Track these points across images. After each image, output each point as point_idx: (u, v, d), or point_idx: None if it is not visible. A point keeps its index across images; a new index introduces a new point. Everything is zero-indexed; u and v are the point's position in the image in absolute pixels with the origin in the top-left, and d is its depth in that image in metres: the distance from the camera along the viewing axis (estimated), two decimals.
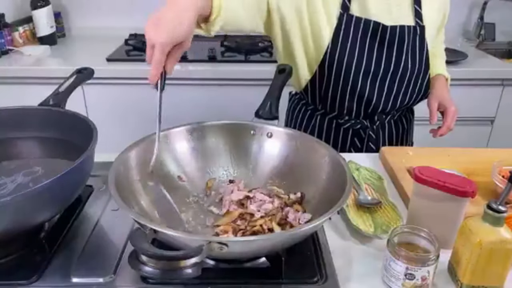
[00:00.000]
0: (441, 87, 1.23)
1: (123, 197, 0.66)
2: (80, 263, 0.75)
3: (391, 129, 1.26)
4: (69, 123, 0.91)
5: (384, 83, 1.15)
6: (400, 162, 1.06)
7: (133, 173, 0.78)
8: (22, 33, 2.12)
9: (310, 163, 0.85)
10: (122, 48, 2.08)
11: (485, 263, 0.68)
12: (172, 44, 0.74)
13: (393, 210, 0.88)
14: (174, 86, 1.89)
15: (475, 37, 2.40)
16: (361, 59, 1.12)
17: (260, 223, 0.74)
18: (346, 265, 0.77)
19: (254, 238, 0.62)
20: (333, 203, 0.69)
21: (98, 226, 0.85)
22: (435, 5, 1.17)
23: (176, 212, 0.79)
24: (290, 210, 0.80)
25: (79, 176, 0.80)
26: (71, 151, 0.86)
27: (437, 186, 0.77)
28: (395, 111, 1.24)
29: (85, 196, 0.93)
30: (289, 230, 0.66)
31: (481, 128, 2.12)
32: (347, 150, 1.25)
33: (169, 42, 0.73)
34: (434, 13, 1.17)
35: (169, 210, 0.77)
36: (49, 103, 0.95)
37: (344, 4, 1.09)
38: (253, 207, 0.79)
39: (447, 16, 1.24)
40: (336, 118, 1.23)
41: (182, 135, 0.89)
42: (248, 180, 0.90)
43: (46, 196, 0.71)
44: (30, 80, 1.85)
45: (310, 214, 0.79)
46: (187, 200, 0.86)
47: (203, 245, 0.56)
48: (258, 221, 0.76)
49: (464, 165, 1.04)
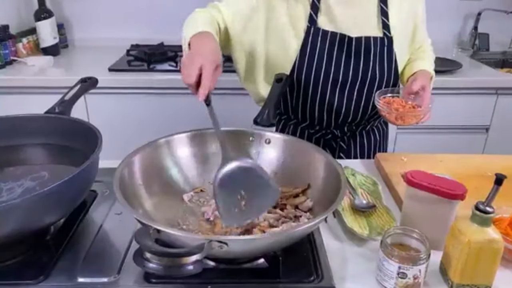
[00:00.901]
0: (425, 79, 1.14)
1: (127, 199, 0.70)
2: (86, 263, 0.78)
3: (362, 140, 1.29)
4: (74, 130, 0.94)
5: (352, 93, 1.18)
6: (394, 167, 1.09)
7: (137, 177, 0.81)
8: (26, 44, 2.16)
9: (307, 168, 0.89)
10: (123, 59, 2.12)
11: (474, 262, 0.71)
12: (216, 64, 0.87)
13: (387, 214, 0.92)
14: (174, 95, 1.93)
15: (470, 47, 2.45)
16: (329, 69, 1.15)
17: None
18: (342, 265, 0.80)
19: (252, 237, 0.65)
20: (328, 206, 0.72)
21: (102, 229, 0.88)
22: (403, 15, 1.19)
23: (177, 216, 0.82)
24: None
25: (85, 180, 0.83)
26: (75, 157, 0.89)
27: (428, 189, 0.80)
28: (366, 121, 1.27)
29: (89, 200, 0.96)
30: (286, 230, 0.69)
31: (476, 136, 2.15)
32: None
33: (216, 60, 0.88)
34: (402, 23, 1.18)
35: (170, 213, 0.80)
36: (55, 111, 0.99)
37: (312, 18, 1.12)
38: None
39: (420, 25, 1.24)
40: (308, 128, 1.26)
41: (183, 141, 0.92)
42: None
43: (53, 199, 0.74)
44: (33, 90, 1.88)
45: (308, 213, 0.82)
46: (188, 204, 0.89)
47: (204, 244, 0.59)
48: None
49: (457, 170, 1.07)
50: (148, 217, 0.76)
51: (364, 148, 1.29)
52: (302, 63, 1.15)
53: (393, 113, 1.06)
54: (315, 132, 1.26)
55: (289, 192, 0.89)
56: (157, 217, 0.79)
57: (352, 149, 1.28)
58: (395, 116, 1.07)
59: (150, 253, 0.55)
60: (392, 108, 1.07)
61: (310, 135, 1.26)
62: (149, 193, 0.82)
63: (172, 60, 2.09)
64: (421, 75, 1.13)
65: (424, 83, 1.10)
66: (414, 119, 1.07)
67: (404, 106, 1.08)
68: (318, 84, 1.16)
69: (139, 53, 2.14)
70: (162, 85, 1.93)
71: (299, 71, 1.16)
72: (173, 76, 1.96)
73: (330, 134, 1.25)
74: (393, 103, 1.09)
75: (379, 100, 1.09)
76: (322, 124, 1.24)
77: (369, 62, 1.15)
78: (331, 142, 1.26)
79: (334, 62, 1.15)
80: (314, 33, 1.13)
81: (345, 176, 0.79)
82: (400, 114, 1.06)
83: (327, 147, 1.27)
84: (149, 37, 2.32)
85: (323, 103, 1.19)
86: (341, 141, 1.26)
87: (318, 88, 1.17)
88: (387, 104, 1.08)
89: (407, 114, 1.06)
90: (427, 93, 1.10)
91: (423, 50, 1.28)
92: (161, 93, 1.94)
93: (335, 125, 1.24)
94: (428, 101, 1.09)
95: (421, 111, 1.07)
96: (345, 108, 1.19)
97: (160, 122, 1.96)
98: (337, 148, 1.27)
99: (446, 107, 1.98)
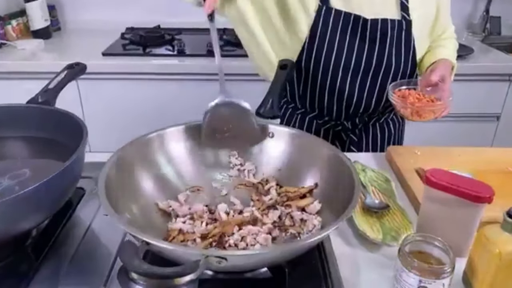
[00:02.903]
0: (446, 69, 1.05)
1: (113, 203, 0.61)
2: (69, 272, 0.70)
3: (375, 133, 1.20)
4: (58, 122, 0.85)
5: (365, 81, 1.09)
6: (408, 162, 1.01)
7: (125, 176, 0.73)
8: (15, 27, 2.06)
9: (315, 166, 0.80)
10: (118, 42, 2.02)
11: (505, 276, 0.63)
12: None
13: (402, 215, 0.83)
14: (170, 81, 1.84)
15: (481, 31, 2.34)
16: (341, 55, 1.06)
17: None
18: (354, 274, 0.72)
19: (254, 252, 0.57)
20: (339, 209, 0.64)
21: (89, 232, 0.81)
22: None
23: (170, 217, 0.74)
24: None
25: (68, 180, 0.75)
26: (60, 151, 0.81)
27: (451, 191, 0.72)
28: (380, 113, 1.18)
29: (76, 199, 0.88)
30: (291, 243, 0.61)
31: (486, 124, 2.07)
32: None
33: None
34: (423, 5, 1.08)
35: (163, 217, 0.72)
36: (38, 100, 0.90)
37: None
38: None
39: (444, 8, 1.13)
40: (316, 118, 1.17)
41: (178, 135, 0.84)
42: None
43: (32, 202, 0.66)
44: (23, 75, 1.79)
45: (320, 218, 0.74)
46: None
47: (199, 261, 0.51)
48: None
49: (475, 165, 0.99)
50: (136, 223, 0.68)
51: (377, 141, 1.21)
52: (312, 46, 1.06)
53: (408, 107, 0.97)
54: (324, 123, 1.17)
55: (294, 191, 0.80)
56: (148, 221, 0.71)
57: (364, 142, 1.19)
58: (410, 111, 0.98)
59: (136, 274, 0.47)
60: (407, 103, 0.97)
61: (319, 126, 1.18)
62: (138, 194, 0.73)
63: (169, 44, 2.00)
64: (442, 65, 1.04)
65: (445, 74, 1.01)
66: (432, 114, 0.97)
67: (421, 100, 0.99)
68: (328, 71, 1.07)
69: (135, 36, 2.05)
70: (158, 70, 1.84)
71: (307, 55, 1.07)
72: (171, 61, 1.88)
73: (340, 126, 1.16)
74: (408, 96, 1.00)
75: (393, 93, 0.99)
76: (331, 114, 1.15)
77: (384, 48, 1.06)
78: (341, 134, 1.18)
79: (346, 46, 1.05)
80: (325, 13, 1.03)
81: (358, 176, 0.70)
82: (416, 109, 0.97)
83: (337, 140, 1.19)
84: (145, 19, 2.22)
85: (333, 91, 1.10)
86: (351, 134, 1.17)
87: (328, 75, 1.08)
88: (402, 98, 0.99)
89: (425, 109, 0.97)
90: (447, 84, 1.01)
91: (446, 37, 1.18)
92: (157, 78, 1.85)
93: (345, 116, 1.15)
94: (448, 93, 0.99)
95: (440, 106, 0.97)
96: (357, 97, 1.10)
97: (157, 109, 1.88)
98: (347, 140, 1.18)
99: (455, 95, 1.87)
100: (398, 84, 1.03)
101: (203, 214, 0.74)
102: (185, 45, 1.94)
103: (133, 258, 0.50)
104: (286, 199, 0.79)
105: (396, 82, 1.03)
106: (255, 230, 0.69)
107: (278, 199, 0.79)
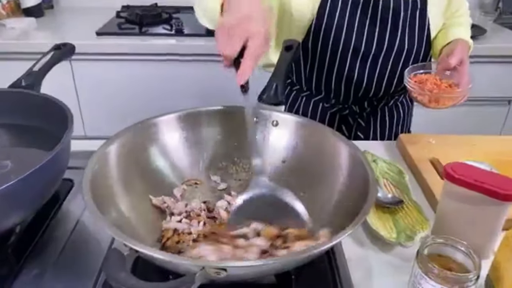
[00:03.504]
0: (464, 51, 0.97)
1: (98, 203, 0.55)
2: (54, 275, 0.64)
3: (384, 117, 1.13)
4: (41, 108, 0.78)
5: (375, 64, 1.01)
6: (422, 152, 0.94)
7: (113, 172, 0.66)
8: (6, 4, 1.96)
9: (323, 159, 0.73)
10: (113, 21, 1.92)
11: None
12: (266, 34, 0.66)
13: (418, 211, 0.77)
14: (168, 62, 1.76)
15: (493, 10, 2.24)
16: (350, 36, 0.98)
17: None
18: (366, 278, 0.66)
19: (257, 264, 0.51)
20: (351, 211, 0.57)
21: (78, 228, 0.74)
22: None
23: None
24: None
25: (52, 173, 0.68)
26: (45, 140, 0.74)
27: (474, 187, 0.65)
28: (389, 96, 1.10)
29: (63, 192, 0.81)
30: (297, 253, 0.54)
31: (497, 109, 1.99)
32: None
33: (268, 28, 0.65)
34: None
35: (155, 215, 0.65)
36: (21, 84, 0.83)
37: None
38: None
39: None
40: (322, 101, 1.10)
41: (173, 124, 0.76)
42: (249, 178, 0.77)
43: (10, 199, 0.60)
44: (13, 55, 1.70)
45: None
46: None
47: (196, 272, 0.44)
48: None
49: (494, 156, 0.92)
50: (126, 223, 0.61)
51: (385, 126, 1.13)
52: (319, 27, 0.97)
53: (426, 94, 0.89)
54: (330, 106, 1.10)
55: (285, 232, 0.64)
56: (138, 221, 0.64)
57: (372, 127, 1.12)
58: (428, 98, 0.90)
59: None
60: (425, 89, 0.89)
61: (325, 109, 1.10)
62: (129, 189, 0.66)
63: (167, 23, 1.90)
64: (459, 46, 0.95)
65: (463, 57, 0.92)
66: (451, 101, 0.89)
67: (440, 86, 0.91)
68: (336, 53, 0.99)
69: (130, 15, 1.95)
70: (156, 50, 1.75)
71: (315, 36, 0.99)
72: (168, 41, 1.78)
73: (348, 110, 1.09)
74: (426, 82, 0.92)
75: (410, 79, 0.92)
76: (338, 98, 1.08)
77: (397, 30, 0.98)
78: (348, 119, 1.11)
79: (356, 28, 0.97)
80: None
81: (374, 172, 0.63)
82: (434, 95, 0.89)
83: (343, 124, 1.12)
84: None
85: (341, 74, 1.02)
86: (359, 118, 1.10)
87: (336, 57, 1.00)
88: (420, 84, 0.91)
89: (444, 95, 0.89)
90: (465, 68, 0.92)
91: (460, 15, 1.09)
92: (155, 59, 1.76)
93: (353, 99, 1.07)
94: (467, 78, 0.91)
95: (459, 93, 0.90)
96: (367, 81, 1.03)
97: (154, 92, 1.80)
98: (354, 125, 1.11)
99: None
100: (414, 68, 0.95)
101: (200, 213, 0.68)
102: (184, 24, 1.84)
103: (119, 270, 0.44)
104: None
105: (412, 66, 0.95)
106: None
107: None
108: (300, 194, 0.69)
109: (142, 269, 0.58)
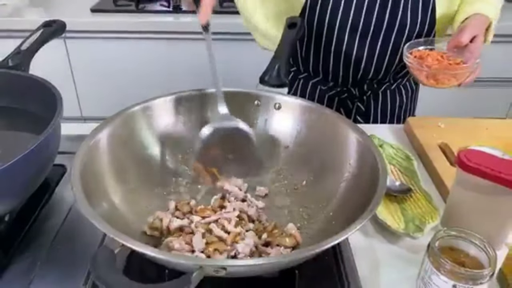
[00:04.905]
0: (479, 26, 0.87)
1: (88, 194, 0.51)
2: (45, 268, 0.61)
3: (385, 102, 1.08)
4: (29, 90, 0.74)
5: (375, 43, 0.95)
6: (430, 136, 0.90)
7: (104, 161, 0.62)
8: None
9: (329, 146, 0.69)
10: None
11: None
12: None
13: (426, 200, 0.73)
14: (165, 40, 1.70)
15: None
16: (347, 12, 0.93)
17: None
18: (373, 271, 0.63)
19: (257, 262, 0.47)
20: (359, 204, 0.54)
21: (70, 216, 0.71)
22: None
23: (161, 207, 0.63)
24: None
25: (41, 159, 0.64)
26: (35, 123, 0.70)
27: (490, 177, 0.61)
28: (391, 79, 1.05)
29: (55, 178, 0.77)
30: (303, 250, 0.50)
31: (504, 90, 1.93)
32: None
33: None
34: None
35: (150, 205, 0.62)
36: (8, 64, 0.78)
37: None
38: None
39: None
40: (320, 83, 1.05)
41: (168, 107, 0.72)
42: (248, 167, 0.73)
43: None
44: (4, 33, 1.64)
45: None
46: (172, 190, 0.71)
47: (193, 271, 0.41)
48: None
49: (507, 140, 0.88)
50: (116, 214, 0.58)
51: (387, 111, 1.08)
52: (315, 4, 0.93)
53: (424, 70, 0.82)
54: (328, 89, 1.05)
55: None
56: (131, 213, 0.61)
57: (372, 111, 1.08)
58: (426, 74, 0.82)
59: None
60: (423, 65, 0.82)
61: (322, 92, 1.06)
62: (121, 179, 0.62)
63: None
64: (474, 21, 0.86)
65: (476, 33, 0.84)
66: (454, 79, 0.81)
67: (441, 62, 0.85)
68: (333, 31, 0.94)
69: None
70: (153, 28, 1.69)
71: (311, 14, 0.93)
72: (166, 18, 1.72)
73: (346, 93, 1.04)
74: (427, 57, 0.85)
75: (408, 54, 0.85)
76: (337, 80, 1.03)
77: (398, 5, 0.92)
78: (347, 102, 1.06)
79: (354, 3, 0.92)
80: None
81: (384, 161, 0.59)
82: (433, 71, 0.81)
83: (342, 107, 1.07)
84: None
85: (339, 54, 0.97)
86: (359, 102, 1.06)
87: (333, 35, 0.95)
88: (419, 60, 0.84)
89: (443, 72, 0.81)
90: (476, 45, 0.84)
91: None
92: (151, 37, 1.70)
93: (353, 81, 1.02)
94: (476, 55, 0.83)
95: (462, 69, 0.81)
96: (366, 61, 0.97)
97: (152, 70, 1.75)
98: (353, 109, 1.07)
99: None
100: (414, 44, 0.88)
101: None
102: (181, 0, 1.78)
103: (109, 269, 0.40)
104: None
105: (413, 42, 0.88)
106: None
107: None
108: (303, 183, 0.65)
109: (135, 265, 0.54)
